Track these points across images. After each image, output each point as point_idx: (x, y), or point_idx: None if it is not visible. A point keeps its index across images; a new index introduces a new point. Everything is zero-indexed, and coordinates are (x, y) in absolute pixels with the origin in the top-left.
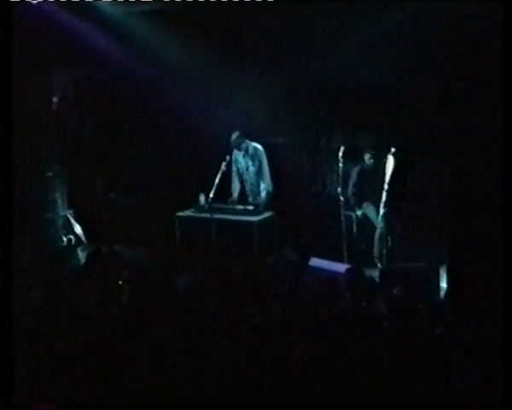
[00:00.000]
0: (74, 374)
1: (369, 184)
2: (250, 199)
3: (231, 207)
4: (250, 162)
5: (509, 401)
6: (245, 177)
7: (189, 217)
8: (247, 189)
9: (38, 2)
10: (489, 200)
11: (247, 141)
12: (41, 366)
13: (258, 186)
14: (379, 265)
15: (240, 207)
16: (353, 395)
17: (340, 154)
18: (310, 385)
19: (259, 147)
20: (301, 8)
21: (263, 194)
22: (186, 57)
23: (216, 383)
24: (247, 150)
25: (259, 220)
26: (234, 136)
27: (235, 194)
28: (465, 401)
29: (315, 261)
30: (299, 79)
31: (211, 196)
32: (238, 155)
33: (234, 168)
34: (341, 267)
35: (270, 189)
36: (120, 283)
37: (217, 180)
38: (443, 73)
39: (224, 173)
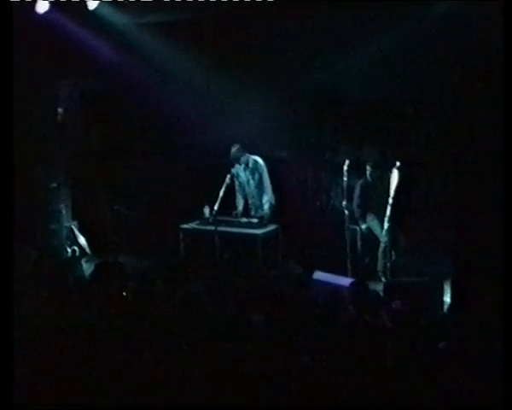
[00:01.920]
0: (76, 382)
1: (373, 197)
2: (252, 212)
3: (236, 219)
4: (250, 176)
5: None
6: (247, 190)
7: (193, 229)
8: (250, 202)
9: (44, 12)
10: (493, 214)
11: (247, 154)
12: (43, 375)
13: (261, 199)
14: (383, 279)
15: (244, 219)
16: (356, 407)
17: (345, 167)
18: (312, 398)
19: (259, 160)
20: (306, 20)
21: (266, 207)
22: (191, 69)
23: (219, 394)
24: (247, 164)
25: (264, 233)
26: (233, 149)
27: (240, 207)
28: None
29: (319, 275)
30: (304, 92)
31: (215, 208)
32: (239, 169)
33: (236, 182)
34: (345, 281)
35: (273, 201)
36: (124, 294)
37: (221, 193)
38: (447, 87)
39: (228, 186)
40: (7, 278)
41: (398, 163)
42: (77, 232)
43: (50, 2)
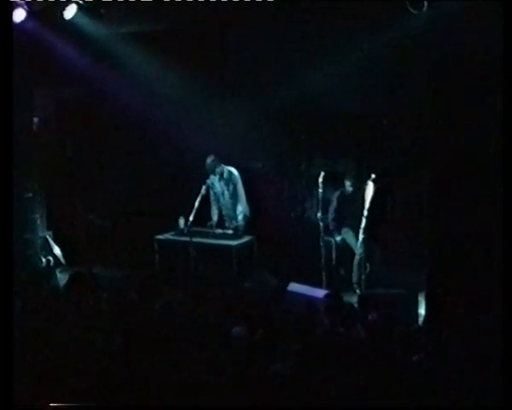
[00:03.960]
0: (50, 391)
1: (348, 209)
2: (226, 224)
3: (210, 230)
4: (225, 187)
5: None
6: (221, 201)
7: (168, 240)
8: (224, 213)
9: (21, 21)
10: (468, 227)
11: (222, 165)
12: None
13: (235, 210)
14: (358, 290)
15: (219, 231)
16: None
17: (320, 179)
18: (286, 408)
19: (234, 171)
20: (283, 32)
21: (240, 218)
22: (167, 80)
23: (196, 403)
24: (222, 175)
25: (238, 245)
26: (208, 160)
27: (215, 218)
28: None
29: (294, 286)
30: (280, 103)
31: (190, 219)
32: (214, 180)
33: (211, 193)
34: (320, 293)
35: (247, 213)
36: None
37: (196, 204)
38: (422, 99)
39: (203, 197)
40: None
41: (372, 175)
42: (52, 242)
43: (27, 11)
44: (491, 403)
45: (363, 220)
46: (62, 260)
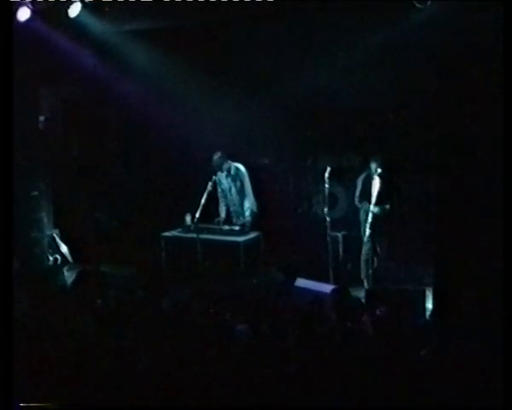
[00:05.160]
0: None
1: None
2: (234, 220)
3: (217, 227)
4: (232, 183)
5: None
6: (228, 198)
7: (175, 237)
8: (231, 209)
9: (26, 19)
10: (475, 222)
11: (229, 161)
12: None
13: (242, 207)
14: (365, 285)
15: (226, 227)
16: None
17: (327, 174)
18: (293, 404)
19: (241, 167)
20: (288, 30)
21: (247, 214)
22: (173, 77)
23: (204, 401)
24: (229, 171)
25: (245, 241)
26: (215, 156)
27: (223, 214)
28: None
29: (301, 282)
30: (286, 99)
31: (197, 216)
32: (221, 177)
33: (218, 189)
34: (327, 288)
35: (255, 209)
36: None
37: (203, 200)
38: (428, 94)
39: (210, 194)
40: None
41: (379, 170)
42: (58, 241)
43: (31, 10)
44: (498, 396)
45: (370, 215)
46: (69, 258)
